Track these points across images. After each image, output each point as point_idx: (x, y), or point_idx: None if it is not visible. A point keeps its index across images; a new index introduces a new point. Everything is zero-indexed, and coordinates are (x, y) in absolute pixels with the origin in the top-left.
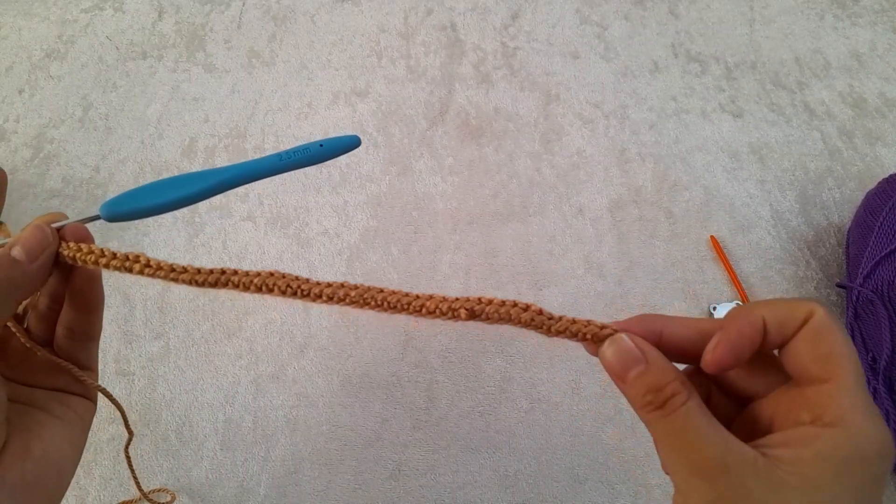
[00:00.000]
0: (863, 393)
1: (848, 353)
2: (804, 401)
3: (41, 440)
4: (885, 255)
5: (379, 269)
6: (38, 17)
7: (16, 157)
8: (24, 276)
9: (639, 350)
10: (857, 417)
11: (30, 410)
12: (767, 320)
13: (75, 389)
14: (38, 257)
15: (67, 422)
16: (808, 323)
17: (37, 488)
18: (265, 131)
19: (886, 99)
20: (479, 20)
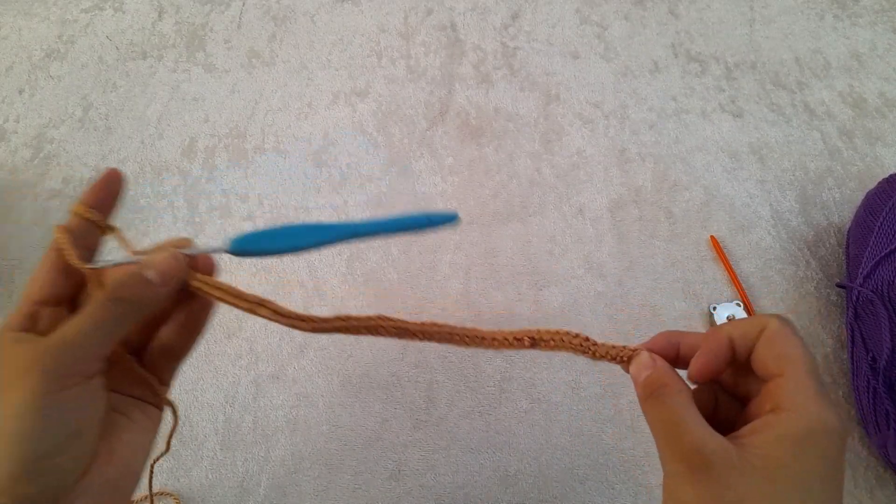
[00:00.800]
0: (813, 382)
1: (799, 350)
2: (768, 394)
3: (123, 444)
4: (885, 255)
5: (379, 269)
6: (38, 17)
7: (16, 157)
8: (153, 299)
9: (651, 360)
10: (808, 402)
11: (113, 415)
12: (734, 336)
13: (151, 400)
14: (169, 283)
15: (143, 428)
16: (764, 331)
17: (116, 491)
18: (265, 131)
19: (886, 99)
20: (479, 20)
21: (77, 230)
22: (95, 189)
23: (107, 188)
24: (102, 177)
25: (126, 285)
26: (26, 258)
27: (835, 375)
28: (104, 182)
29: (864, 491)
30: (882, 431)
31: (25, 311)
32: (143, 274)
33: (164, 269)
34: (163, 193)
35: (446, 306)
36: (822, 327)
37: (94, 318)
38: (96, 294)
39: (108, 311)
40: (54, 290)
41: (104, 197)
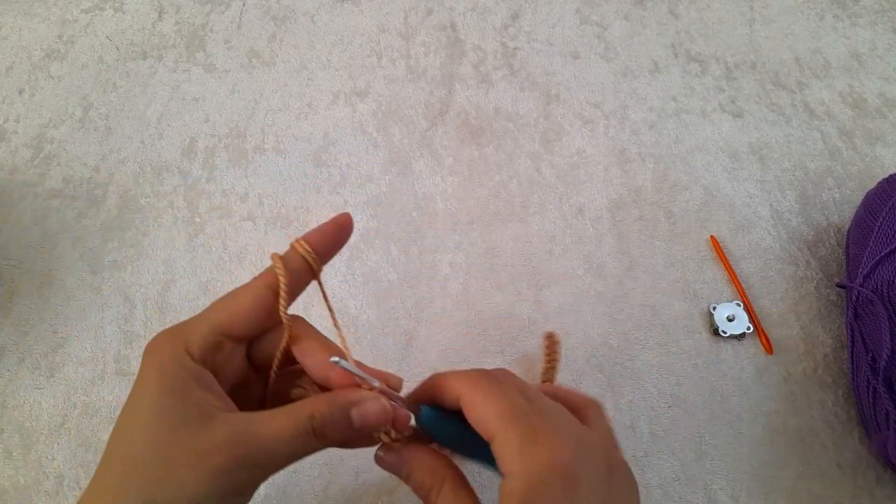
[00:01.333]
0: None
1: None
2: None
3: None
4: (885, 255)
5: (379, 269)
6: (38, 17)
7: (16, 157)
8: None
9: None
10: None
11: None
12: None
13: None
14: (364, 433)
15: None
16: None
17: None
18: (265, 131)
19: (886, 99)
20: (479, 20)
21: (293, 269)
22: (325, 230)
23: (335, 234)
24: (334, 220)
25: (334, 425)
26: (26, 258)
27: (835, 375)
28: (335, 226)
29: (864, 491)
30: (882, 431)
31: (211, 339)
32: (350, 414)
33: (371, 421)
34: (163, 193)
35: (446, 306)
36: (822, 327)
37: (297, 442)
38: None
39: (305, 441)
40: (248, 330)
41: (330, 241)
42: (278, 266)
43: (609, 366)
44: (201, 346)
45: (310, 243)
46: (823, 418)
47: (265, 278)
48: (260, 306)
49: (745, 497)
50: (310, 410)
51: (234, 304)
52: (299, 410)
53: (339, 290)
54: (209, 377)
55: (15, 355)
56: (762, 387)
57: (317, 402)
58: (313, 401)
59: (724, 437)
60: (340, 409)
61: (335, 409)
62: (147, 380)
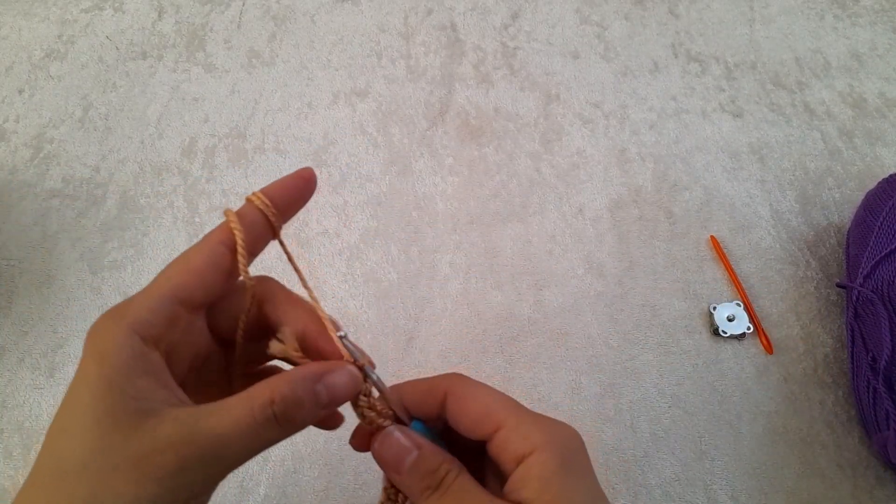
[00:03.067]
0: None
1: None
2: (499, 449)
3: None
4: (885, 255)
5: (379, 269)
6: (38, 17)
7: (16, 157)
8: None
9: (409, 440)
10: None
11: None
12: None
13: None
14: (332, 408)
15: None
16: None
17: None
18: (265, 131)
19: (886, 99)
20: (479, 20)
21: (250, 224)
22: (285, 184)
23: (298, 187)
24: (296, 174)
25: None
26: (26, 258)
27: (835, 375)
28: (297, 179)
29: (864, 491)
30: (882, 431)
31: (163, 312)
32: (315, 390)
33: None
34: (163, 193)
35: (446, 306)
36: (822, 327)
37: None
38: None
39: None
40: (206, 294)
41: (291, 197)
42: (233, 221)
43: (609, 366)
44: (152, 321)
45: (269, 197)
46: (823, 418)
47: (219, 235)
48: (216, 265)
49: (745, 497)
50: (268, 395)
51: (185, 266)
52: (257, 396)
53: (339, 289)
54: (157, 362)
55: (15, 355)
56: (762, 387)
57: (276, 384)
58: (272, 382)
59: (724, 437)
60: (304, 387)
61: (298, 387)
62: (84, 371)
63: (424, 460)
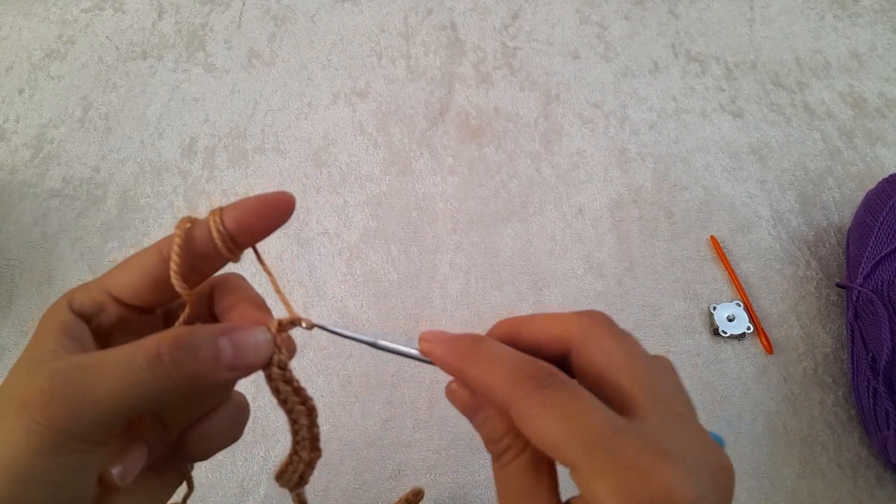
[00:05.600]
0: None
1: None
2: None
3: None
4: (885, 255)
5: (379, 269)
6: (38, 17)
7: (16, 157)
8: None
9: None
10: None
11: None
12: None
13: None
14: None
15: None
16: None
17: None
18: (265, 131)
19: (886, 99)
20: (479, 20)
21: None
22: (248, 208)
23: (263, 214)
24: (272, 197)
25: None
26: (26, 258)
27: (835, 375)
28: (263, 204)
29: (864, 491)
30: (882, 431)
31: (93, 297)
32: (217, 343)
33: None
34: (163, 193)
35: (446, 306)
36: (822, 327)
37: (139, 377)
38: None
39: (151, 370)
40: (136, 299)
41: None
42: (177, 238)
43: None
44: (83, 301)
45: (227, 219)
46: (823, 418)
47: (161, 244)
48: (148, 275)
49: (745, 497)
50: (161, 335)
51: (125, 267)
52: (149, 337)
53: (339, 289)
54: (82, 329)
55: (15, 355)
56: (762, 387)
57: (177, 328)
58: (174, 328)
59: (724, 437)
60: (204, 336)
61: (197, 333)
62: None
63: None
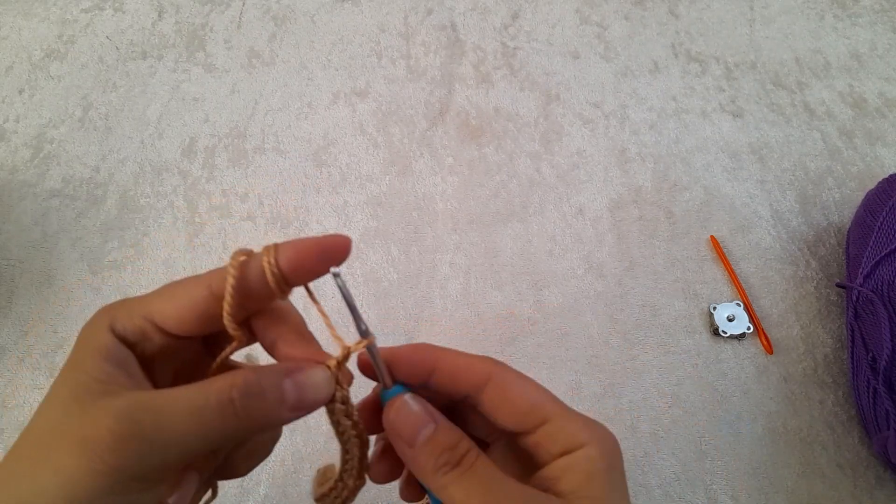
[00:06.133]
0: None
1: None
2: (542, 440)
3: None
4: (885, 255)
5: (379, 269)
6: (38, 17)
7: (16, 157)
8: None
9: (425, 411)
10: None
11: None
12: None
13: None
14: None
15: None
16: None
17: None
18: (265, 131)
19: (886, 99)
20: (479, 20)
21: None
22: (304, 250)
23: (318, 257)
24: (325, 240)
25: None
26: (26, 258)
27: (835, 375)
28: (320, 248)
29: (864, 491)
30: (882, 431)
31: (137, 323)
32: (282, 386)
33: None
34: (163, 193)
35: (446, 306)
36: (822, 327)
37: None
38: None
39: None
40: (180, 330)
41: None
42: (231, 275)
43: (609, 366)
44: (126, 325)
45: (282, 259)
46: (823, 418)
47: (212, 279)
48: (197, 309)
49: (745, 497)
50: (230, 380)
51: (170, 297)
52: (218, 381)
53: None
54: (128, 357)
55: (15, 355)
56: (762, 387)
57: (242, 372)
58: (238, 371)
59: (724, 437)
60: (270, 380)
61: (263, 377)
62: (73, 353)
63: (442, 434)
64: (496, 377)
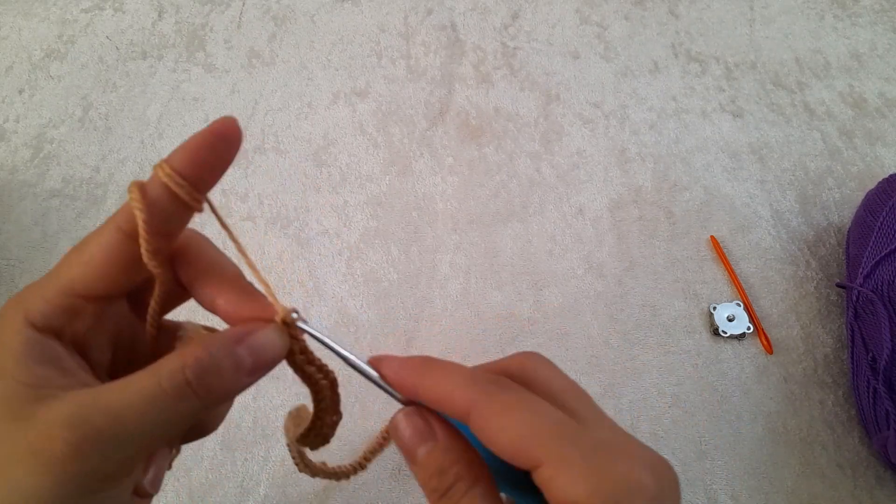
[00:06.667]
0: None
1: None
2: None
3: None
4: (885, 255)
5: (379, 269)
6: (38, 17)
7: (16, 157)
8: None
9: (427, 426)
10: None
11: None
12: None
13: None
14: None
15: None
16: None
17: None
18: (265, 131)
19: (886, 99)
20: (479, 20)
21: (157, 201)
22: (194, 146)
23: (212, 147)
24: (209, 130)
25: (217, 373)
26: (26, 258)
27: (835, 375)
28: (209, 137)
29: (864, 491)
30: (882, 431)
31: (60, 303)
32: (236, 353)
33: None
34: None
35: (446, 306)
36: (822, 327)
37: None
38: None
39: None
40: (108, 288)
41: (202, 160)
42: (135, 200)
43: (609, 366)
44: (46, 312)
45: (176, 166)
46: (823, 418)
47: (117, 219)
48: (115, 256)
49: (745, 497)
50: (180, 360)
51: (82, 257)
52: (167, 364)
53: (339, 289)
54: (55, 350)
55: None
56: (762, 387)
57: (190, 350)
58: (185, 349)
59: (724, 437)
60: (222, 350)
61: (215, 351)
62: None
63: (435, 457)
64: (476, 412)
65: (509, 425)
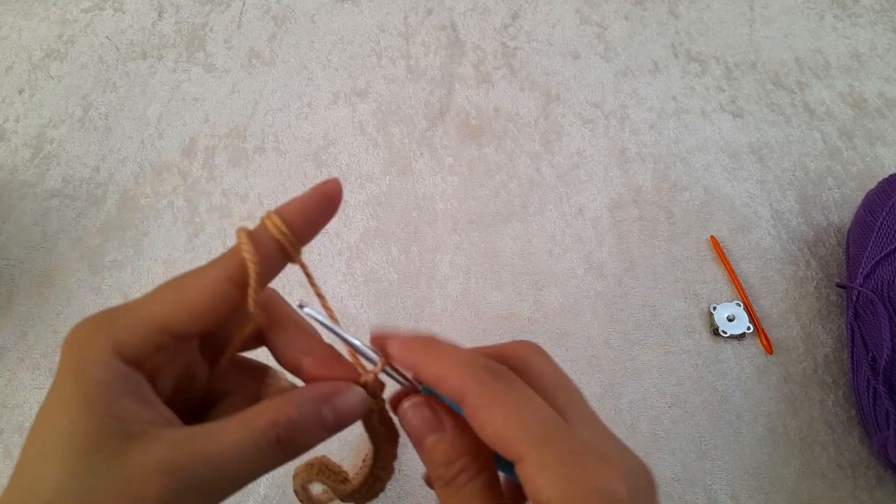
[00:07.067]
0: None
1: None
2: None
3: None
4: (885, 255)
5: (379, 269)
6: (38, 17)
7: (16, 157)
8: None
9: (436, 418)
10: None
11: None
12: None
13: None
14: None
15: None
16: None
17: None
18: (265, 131)
19: (886, 99)
20: (479, 20)
21: (265, 251)
22: (305, 203)
23: (320, 206)
24: (318, 189)
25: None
26: (26, 258)
27: (835, 375)
28: (318, 197)
29: (864, 491)
30: (882, 431)
31: (150, 339)
32: (320, 412)
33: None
34: (163, 193)
35: (446, 306)
36: (822, 327)
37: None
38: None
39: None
40: (201, 331)
41: (312, 217)
42: (247, 250)
43: (609, 366)
44: (137, 346)
45: (286, 219)
46: (823, 418)
47: (226, 266)
48: (219, 304)
49: (745, 497)
50: (272, 416)
51: (183, 298)
52: (258, 418)
53: (339, 289)
54: (141, 383)
55: (15, 355)
56: (762, 387)
57: (280, 405)
58: (274, 404)
59: (724, 437)
60: (309, 410)
61: (303, 410)
62: (62, 388)
63: (442, 447)
64: (467, 401)
65: (496, 418)
